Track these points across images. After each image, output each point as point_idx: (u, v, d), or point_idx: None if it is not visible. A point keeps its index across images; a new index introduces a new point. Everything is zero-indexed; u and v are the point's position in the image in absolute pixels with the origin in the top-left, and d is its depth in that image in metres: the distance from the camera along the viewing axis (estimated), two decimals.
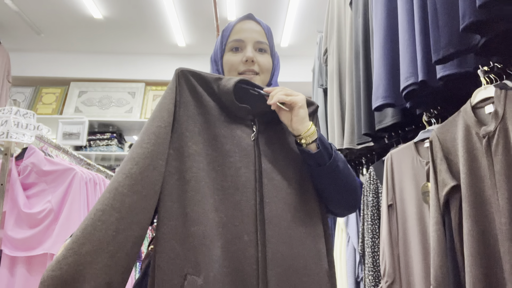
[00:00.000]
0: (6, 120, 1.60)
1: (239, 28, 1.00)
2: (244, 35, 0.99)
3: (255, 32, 1.00)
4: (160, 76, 4.40)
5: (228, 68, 0.98)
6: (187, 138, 0.83)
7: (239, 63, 0.97)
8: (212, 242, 0.76)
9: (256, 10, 3.60)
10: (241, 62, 0.97)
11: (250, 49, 0.98)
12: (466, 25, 1.05)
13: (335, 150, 0.92)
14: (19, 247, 1.53)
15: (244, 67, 0.97)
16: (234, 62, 0.98)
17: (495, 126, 1.10)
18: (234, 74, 0.97)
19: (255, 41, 0.99)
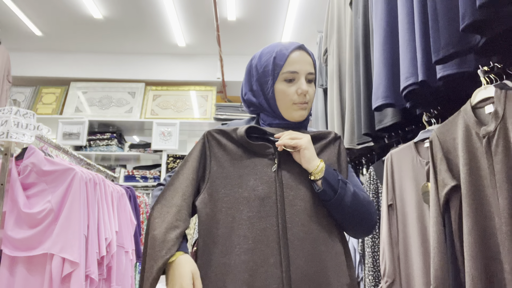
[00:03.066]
0: (6, 120, 1.60)
1: (294, 59, 1.06)
2: (299, 67, 1.06)
3: (308, 64, 1.08)
4: (160, 76, 4.40)
5: (282, 97, 1.06)
6: (217, 185, 1.02)
7: (293, 94, 1.06)
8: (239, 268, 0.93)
9: (256, 10, 3.60)
10: (296, 93, 1.05)
11: (304, 82, 1.06)
12: (466, 25, 1.05)
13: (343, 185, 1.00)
14: (19, 247, 1.53)
15: (299, 99, 1.06)
16: (290, 93, 1.06)
17: (495, 126, 1.10)
18: (288, 104, 1.06)
19: (307, 73, 1.07)
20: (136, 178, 3.84)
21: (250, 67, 1.14)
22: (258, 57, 1.12)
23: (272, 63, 1.06)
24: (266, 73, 1.07)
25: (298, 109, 1.07)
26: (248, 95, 1.13)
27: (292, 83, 1.06)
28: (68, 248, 1.53)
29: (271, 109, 1.09)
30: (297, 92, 1.05)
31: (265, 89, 1.08)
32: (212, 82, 4.41)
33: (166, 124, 3.91)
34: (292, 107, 1.06)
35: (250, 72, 1.13)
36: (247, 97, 1.13)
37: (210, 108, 4.23)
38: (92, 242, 1.67)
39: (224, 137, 1.06)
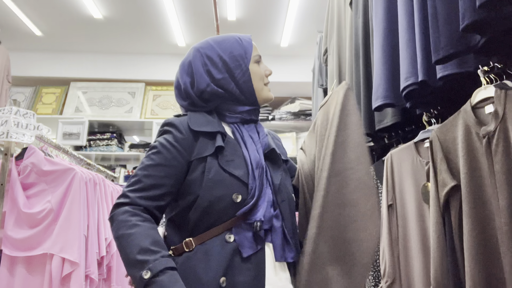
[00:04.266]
0: (6, 120, 1.60)
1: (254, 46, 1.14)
2: (259, 52, 1.14)
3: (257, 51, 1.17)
4: (160, 76, 4.40)
5: (259, 77, 1.10)
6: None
7: (263, 75, 1.12)
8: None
9: (256, 10, 3.60)
10: (265, 74, 1.12)
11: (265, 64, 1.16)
12: (466, 25, 1.05)
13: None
14: (19, 247, 1.53)
15: (267, 79, 1.14)
16: (261, 74, 1.12)
17: (495, 126, 1.10)
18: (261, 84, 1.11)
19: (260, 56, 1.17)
20: None
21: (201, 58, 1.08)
22: (211, 46, 1.09)
23: (242, 46, 1.09)
24: (235, 57, 1.07)
25: (269, 90, 1.13)
26: (211, 87, 1.05)
27: (259, 65, 1.12)
28: (68, 248, 1.54)
29: (243, 94, 1.07)
30: (266, 73, 1.12)
31: (236, 74, 1.06)
32: None
33: None
34: (265, 88, 1.11)
35: (206, 62, 1.07)
36: (210, 89, 1.05)
37: None
38: (92, 242, 1.67)
39: None
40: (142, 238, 0.87)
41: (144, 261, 0.83)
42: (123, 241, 0.88)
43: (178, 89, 1.11)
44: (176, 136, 0.99)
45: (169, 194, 0.96)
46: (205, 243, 0.92)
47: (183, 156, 0.97)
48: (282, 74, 4.38)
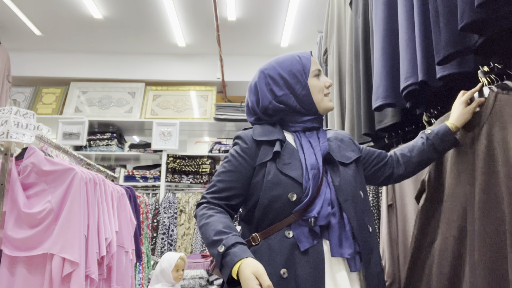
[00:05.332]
0: (6, 120, 1.60)
1: (314, 61, 1.22)
2: (318, 66, 1.23)
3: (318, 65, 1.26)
4: (160, 76, 4.40)
5: (318, 90, 1.19)
6: None
7: (323, 87, 1.20)
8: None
9: (256, 10, 3.60)
10: (324, 86, 1.20)
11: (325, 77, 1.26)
12: (465, 24, 1.05)
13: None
14: (19, 247, 1.53)
15: (327, 90, 1.21)
16: (321, 85, 1.20)
17: (480, 126, 1.11)
18: (321, 95, 1.19)
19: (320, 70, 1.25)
20: (136, 178, 3.84)
21: (264, 77, 1.21)
22: (273, 66, 1.21)
23: (300, 63, 1.19)
24: (293, 74, 1.18)
25: (329, 101, 1.21)
26: (273, 103, 1.18)
27: (319, 78, 1.20)
28: (68, 248, 1.53)
29: (303, 106, 1.18)
30: (325, 84, 1.20)
31: (296, 89, 1.17)
32: (212, 82, 4.41)
33: (166, 124, 3.91)
34: (325, 98, 1.20)
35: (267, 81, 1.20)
36: (272, 106, 1.19)
37: (210, 108, 4.23)
38: (92, 242, 1.67)
39: None
40: (217, 224, 1.03)
41: (219, 239, 0.99)
42: (203, 229, 1.06)
43: (247, 108, 1.27)
44: (242, 147, 1.15)
45: (238, 195, 1.12)
46: (269, 238, 1.05)
47: (249, 163, 1.13)
48: None
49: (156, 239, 3.53)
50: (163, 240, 3.51)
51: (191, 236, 3.60)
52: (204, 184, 3.88)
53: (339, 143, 1.21)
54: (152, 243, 3.49)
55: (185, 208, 3.66)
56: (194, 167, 3.82)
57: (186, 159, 3.85)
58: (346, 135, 1.29)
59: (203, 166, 3.82)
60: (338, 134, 1.26)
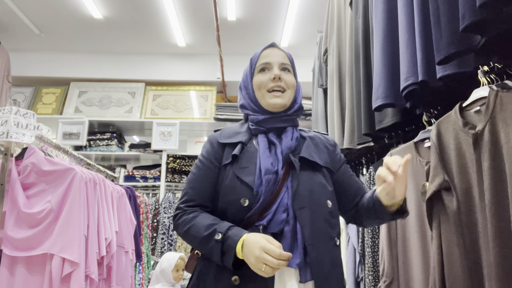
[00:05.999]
0: (6, 120, 1.60)
1: (265, 54, 1.16)
2: (270, 59, 1.14)
3: (279, 56, 1.16)
4: (160, 76, 4.40)
5: (257, 86, 1.13)
6: None
7: (268, 81, 1.12)
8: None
9: (256, 10, 3.60)
10: (269, 79, 1.11)
11: (277, 69, 1.13)
12: (466, 25, 1.05)
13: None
14: (19, 247, 1.53)
15: (273, 84, 1.11)
16: (263, 80, 1.12)
17: (483, 125, 1.11)
18: (263, 91, 1.12)
19: (280, 62, 1.14)
20: (136, 178, 3.83)
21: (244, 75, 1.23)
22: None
23: (249, 64, 1.19)
24: (246, 75, 1.18)
25: (273, 96, 1.11)
26: (240, 101, 1.20)
27: (266, 73, 1.14)
28: (68, 248, 1.53)
29: (254, 105, 1.14)
30: (270, 77, 1.11)
31: (248, 89, 1.16)
32: (212, 82, 4.41)
33: (166, 124, 3.91)
34: (267, 94, 1.11)
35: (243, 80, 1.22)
36: (240, 104, 1.20)
37: (210, 108, 4.23)
38: (92, 242, 1.67)
39: None
40: (204, 220, 1.01)
41: (212, 231, 0.97)
42: (190, 233, 1.03)
43: None
44: (208, 150, 1.14)
45: (211, 200, 1.09)
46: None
47: (215, 165, 1.11)
48: None
49: (156, 239, 3.52)
50: (163, 240, 3.51)
51: None
52: None
53: (313, 145, 1.15)
54: (152, 243, 3.49)
55: None
56: None
57: (186, 159, 3.85)
58: (329, 142, 1.22)
59: None
60: (318, 137, 1.20)
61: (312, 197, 1.04)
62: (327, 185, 1.10)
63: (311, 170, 1.09)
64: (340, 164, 1.21)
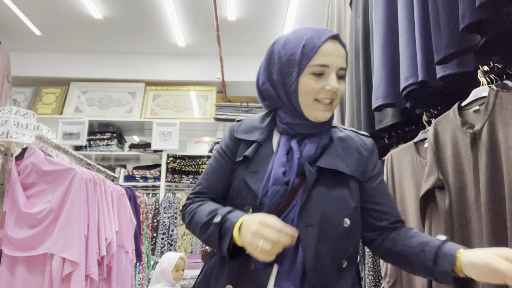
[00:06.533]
0: (6, 120, 1.60)
1: (326, 51, 0.92)
2: (330, 60, 0.92)
3: (340, 58, 0.94)
4: (160, 76, 4.40)
5: (305, 92, 0.93)
6: None
7: (320, 90, 0.93)
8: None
9: (256, 10, 3.60)
10: (323, 89, 0.93)
11: (335, 78, 0.93)
12: (466, 25, 1.05)
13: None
14: (19, 247, 1.53)
15: (324, 95, 0.93)
16: (315, 89, 0.93)
17: (481, 124, 1.11)
18: (310, 99, 0.94)
19: (339, 67, 0.93)
20: (136, 178, 3.84)
21: (271, 52, 1.00)
22: (283, 42, 0.97)
23: (300, 52, 0.92)
24: (291, 63, 0.93)
25: (322, 109, 0.94)
26: (266, 85, 0.99)
27: (321, 78, 0.92)
28: (68, 248, 1.53)
29: (291, 105, 0.96)
30: (325, 88, 0.92)
31: (287, 81, 0.95)
32: (212, 82, 4.41)
33: (166, 124, 3.91)
34: (315, 105, 0.94)
35: (270, 58, 0.99)
36: (264, 87, 1.00)
37: (210, 108, 4.23)
38: (92, 242, 1.67)
39: None
40: (208, 207, 0.94)
41: (213, 215, 0.89)
42: (193, 221, 0.96)
43: None
44: (226, 142, 1.05)
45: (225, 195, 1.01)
46: None
47: (230, 159, 1.02)
48: None
49: (156, 239, 3.53)
50: (163, 240, 3.51)
51: (191, 236, 3.59)
52: None
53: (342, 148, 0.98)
54: (152, 243, 3.49)
55: None
56: (194, 167, 3.82)
57: (186, 159, 3.85)
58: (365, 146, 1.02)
59: (203, 166, 3.82)
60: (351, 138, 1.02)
61: (325, 213, 0.89)
62: (348, 200, 0.93)
63: (332, 181, 0.93)
64: (372, 175, 1.01)
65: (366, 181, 0.99)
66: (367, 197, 0.99)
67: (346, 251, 0.92)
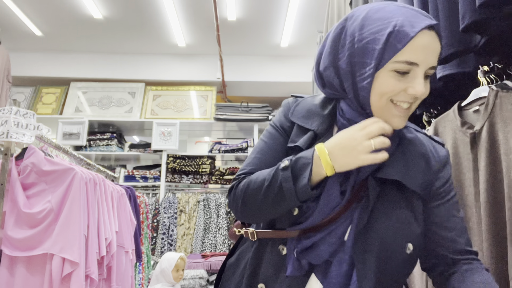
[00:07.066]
0: (6, 120, 1.60)
1: (419, 45, 0.70)
2: (422, 57, 0.71)
3: (434, 54, 0.73)
4: (160, 76, 4.40)
5: (381, 91, 0.73)
6: None
7: (399, 91, 0.73)
8: None
9: (256, 10, 3.60)
10: (404, 92, 0.73)
11: (422, 80, 0.73)
12: (466, 25, 1.05)
13: None
14: (19, 247, 1.53)
15: (403, 98, 0.74)
16: (396, 89, 0.73)
17: (481, 124, 1.11)
18: (385, 100, 0.74)
19: (430, 66, 0.73)
20: (136, 178, 3.84)
21: (341, 30, 0.78)
22: (360, 20, 0.75)
23: (384, 41, 0.71)
24: (368, 51, 0.73)
25: (398, 115, 0.75)
26: (329, 71, 0.80)
27: (404, 77, 0.72)
28: (68, 248, 1.53)
29: (358, 102, 0.78)
30: (408, 91, 0.73)
31: (358, 73, 0.75)
32: (212, 82, 4.41)
33: (166, 124, 3.91)
34: (390, 108, 0.75)
35: (340, 38, 0.78)
36: (327, 74, 0.81)
37: (210, 108, 4.23)
38: (92, 242, 1.67)
39: None
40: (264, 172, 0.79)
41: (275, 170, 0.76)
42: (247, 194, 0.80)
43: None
44: (281, 119, 0.89)
45: None
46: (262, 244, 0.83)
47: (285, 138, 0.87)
48: (282, 74, 4.38)
49: (156, 239, 3.53)
50: (163, 240, 3.51)
51: (191, 236, 3.60)
52: (204, 184, 3.88)
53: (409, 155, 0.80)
54: (152, 243, 3.49)
55: (185, 208, 3.66)
56: (194, 167, 3.82)
57: (186, 159, 3.86)
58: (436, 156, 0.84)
59: (203, 166, 3.82)
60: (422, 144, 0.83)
61: (385, 238, 0.75)
62: (412, 221, 0.78)
63: (394, 196, 0.78)
64: (439, 193, 0.83)
65: (430, 199, 0.82)
66: (427, 216, 0.82)
67: (403, 280, 0.80)
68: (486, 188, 1.06)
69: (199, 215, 3.60)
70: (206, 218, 3.60)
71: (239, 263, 0.89)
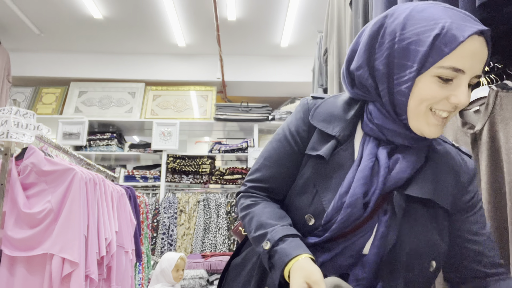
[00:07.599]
0: (6, 120, 1.60)
1: (467, 51, 0.66)
2: (469, 65, 0.67)
3: (481, 62, 0.70)
4: (160, 76, 4.40)
5: (422, 97, 0.69)
6: None
7: (442, 100, 0.69)
8: None
9: (256, 10, 3.60)
10: (445, 100, 0.69)
11: (466, 89, 0.69)
12: None
13: None
14: (19, 247, 1.53)
15: (443, 107, 0.70)
16: (437, 96, 0.69)
17: (482, 125, 1.11)
18: (423, 107, 0.70)
19: (475, 74, 0.70)
20: (136, 178, 3.84)
21: (380, 28, 0.73)
22: (403, 19, 0.70)
23: (430, 44, 0.66)
24: (410, 53, 0.68)
25: (435, 124, 0.71)
26: (362, 70, 0.75)
27: (447, 85, 0.68)
28: (68, 248, 1.54)
29: (392, 106, 0.73)
30: (450, 99, 0.68)
31: (396, 76, 0.70)
32: (212, 82, 4.41)
33: (166, 124, 3.91)
34: (428, 116, 0.71)
35: (377, 35, 0.73)
36: (359, 74, 0.75)
37: (210, 108, 4.23)
38: (92, 242, 1.67)
39: None
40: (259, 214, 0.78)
41: (263, 234, 0.74)
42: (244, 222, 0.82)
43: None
44: (298, 123, 0.83)
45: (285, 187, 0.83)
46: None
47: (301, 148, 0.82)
48: (282, 74, 4.38)
49: (156, 239, 3.53)
50: (163, 240, 3.51)
51: (191, 236, 3.60)
52: (204, 184, 3.88)
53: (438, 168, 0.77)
54: (152, 243, 3.49)
55: (185, 208, 3.66)
56: (194, 167, 3.82)
57: (186, 159, 3.86)
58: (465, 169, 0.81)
59: (203, 166, 3.82)
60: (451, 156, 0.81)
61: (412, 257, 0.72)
62: (439, 241, 0.75)
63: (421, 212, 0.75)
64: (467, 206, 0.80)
65: (456, 212, 0.80)
66: (455, 230, 0.79)
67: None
68: (487, 189, 1.06)
69: (199, 215, 3.60)
70: (206, 218, 3.60)
71: (246, 264, 0.87)
